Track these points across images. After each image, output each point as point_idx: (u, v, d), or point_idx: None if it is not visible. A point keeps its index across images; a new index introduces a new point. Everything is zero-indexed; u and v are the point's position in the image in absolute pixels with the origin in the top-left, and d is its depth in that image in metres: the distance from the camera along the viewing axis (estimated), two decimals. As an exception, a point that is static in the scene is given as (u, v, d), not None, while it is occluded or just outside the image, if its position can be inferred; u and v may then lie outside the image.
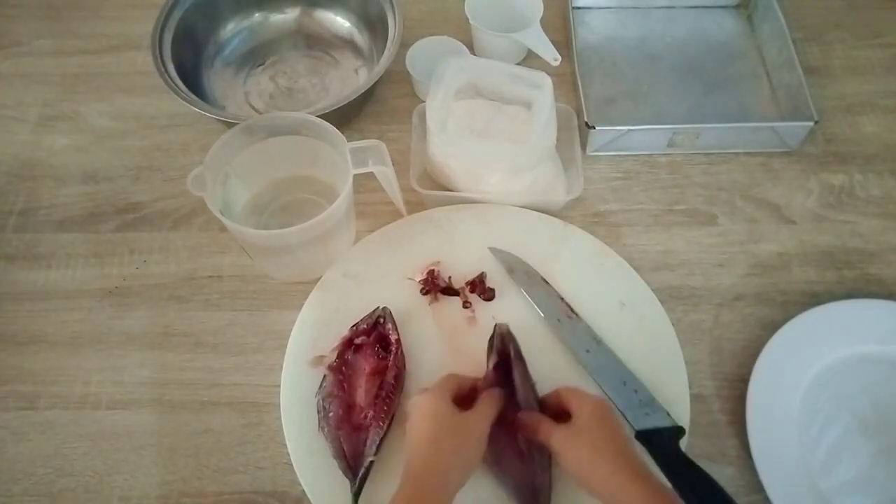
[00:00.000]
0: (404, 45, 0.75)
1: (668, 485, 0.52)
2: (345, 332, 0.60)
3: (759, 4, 0.83)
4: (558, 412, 0.54)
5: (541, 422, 0.53)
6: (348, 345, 0.59)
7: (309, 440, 0.56)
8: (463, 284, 0.65)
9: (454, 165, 0.67)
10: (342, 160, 0.60)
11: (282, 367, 0.60)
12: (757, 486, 0.56)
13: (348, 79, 0.81)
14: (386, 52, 0.73)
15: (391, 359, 0.58)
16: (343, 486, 0.54)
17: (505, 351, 0.57)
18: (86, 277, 0.68)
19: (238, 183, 0.65)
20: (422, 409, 0.52)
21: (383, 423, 0.55)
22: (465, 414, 0.52)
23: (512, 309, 0.63)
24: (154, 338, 0.64)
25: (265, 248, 0.64)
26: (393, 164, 0.61)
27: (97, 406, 0.61)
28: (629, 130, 0.71)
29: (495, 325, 0.59)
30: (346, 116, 0.74)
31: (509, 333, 0.58)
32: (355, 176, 0.59)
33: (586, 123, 0.71)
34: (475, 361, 0.58)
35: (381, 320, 0.60)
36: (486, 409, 0.53)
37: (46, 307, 0.66)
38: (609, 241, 0.67)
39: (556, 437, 0.51)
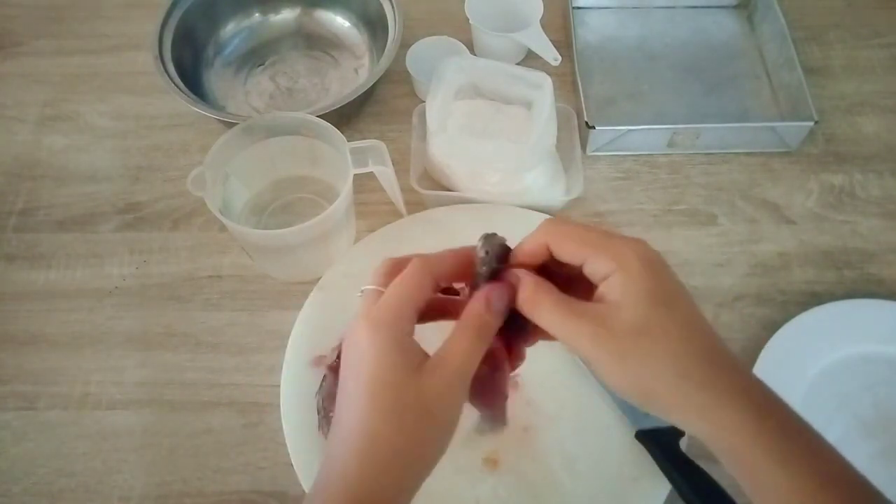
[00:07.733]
0: (404, 45, 0.75)
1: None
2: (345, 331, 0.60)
3: (759, 4, 0.83)
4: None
5: (545, 298, 0.32)
6: (348, 344, 0.58)
7: (309, 440, 0.56)
8: (463, 284, 0.64)
9: (454, 165, 0.67)
10: (342, 160, 0.60)
11: (282, 367, 0.60)
12: (757, 486, 0.55)
13: (348, 79, 0.81)
14: (386, 52, 0.73)
15: None
16: (343, 486, 0.54)
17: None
18: (86, 277, 0.68)
19: (238, 183, 0.65)
20: (354, 364, 0.32)
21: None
22: (426, 377, 0.32)
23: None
24: (154, 338, 0.64)
25: (265, 248, 0.64)
26: (393, 164, 0.61)
27: (97, 406, 0.61)
28: (629, 130, 0.71)
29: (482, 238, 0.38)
30: (346, 116, 0.74)
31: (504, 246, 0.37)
32: (355, 176, 0.59)
33: (586, 123, 0.71)
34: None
35: None
36: (460, 356, 0.32)
37: (46, 307, 0.66)
38: (609, 241, 0.67)
39: (585, 339, 0.31)
